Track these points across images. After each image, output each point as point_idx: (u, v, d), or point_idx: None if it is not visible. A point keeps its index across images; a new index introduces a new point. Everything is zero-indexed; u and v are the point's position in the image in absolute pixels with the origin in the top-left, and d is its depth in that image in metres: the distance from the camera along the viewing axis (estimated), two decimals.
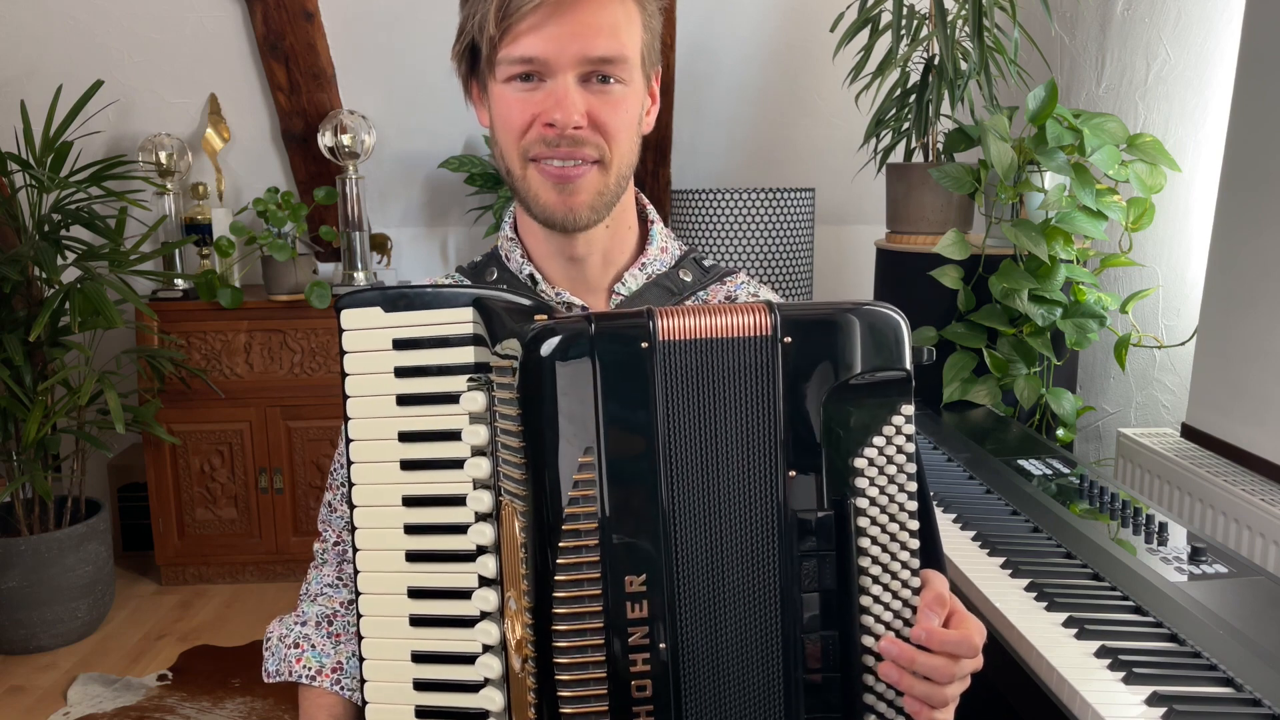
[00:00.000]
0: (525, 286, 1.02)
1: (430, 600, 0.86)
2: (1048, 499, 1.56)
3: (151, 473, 3.04)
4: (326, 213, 3.25)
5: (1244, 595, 1.22)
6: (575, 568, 0.76)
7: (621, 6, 0.92)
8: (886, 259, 2.48)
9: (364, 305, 0.87)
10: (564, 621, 0.76)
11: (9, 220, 2.68)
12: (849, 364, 0.78)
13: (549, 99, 0.91)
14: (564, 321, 0.78)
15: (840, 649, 0.79)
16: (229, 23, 2.98)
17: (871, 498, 0.79)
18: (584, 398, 0.76)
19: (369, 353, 0.87)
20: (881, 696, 0.80)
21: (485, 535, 0.82)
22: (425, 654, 0.86)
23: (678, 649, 0.77)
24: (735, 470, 0.78)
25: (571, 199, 0.94)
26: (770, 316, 0.78)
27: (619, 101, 0.93)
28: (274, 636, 1.04)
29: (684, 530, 0.78)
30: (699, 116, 3.20)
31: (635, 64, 0.94)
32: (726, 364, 0.78)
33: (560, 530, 0.76)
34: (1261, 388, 1.78)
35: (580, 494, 0.76)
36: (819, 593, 0.79)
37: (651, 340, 0.77)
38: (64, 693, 2.50)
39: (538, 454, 0.77)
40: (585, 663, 0.76)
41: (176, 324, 3.00)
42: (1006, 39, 2.31)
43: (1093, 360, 2.53)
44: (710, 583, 0.78)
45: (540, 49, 0.90)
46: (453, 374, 0.84)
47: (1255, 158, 1.83)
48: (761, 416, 0.78)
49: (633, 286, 1.03)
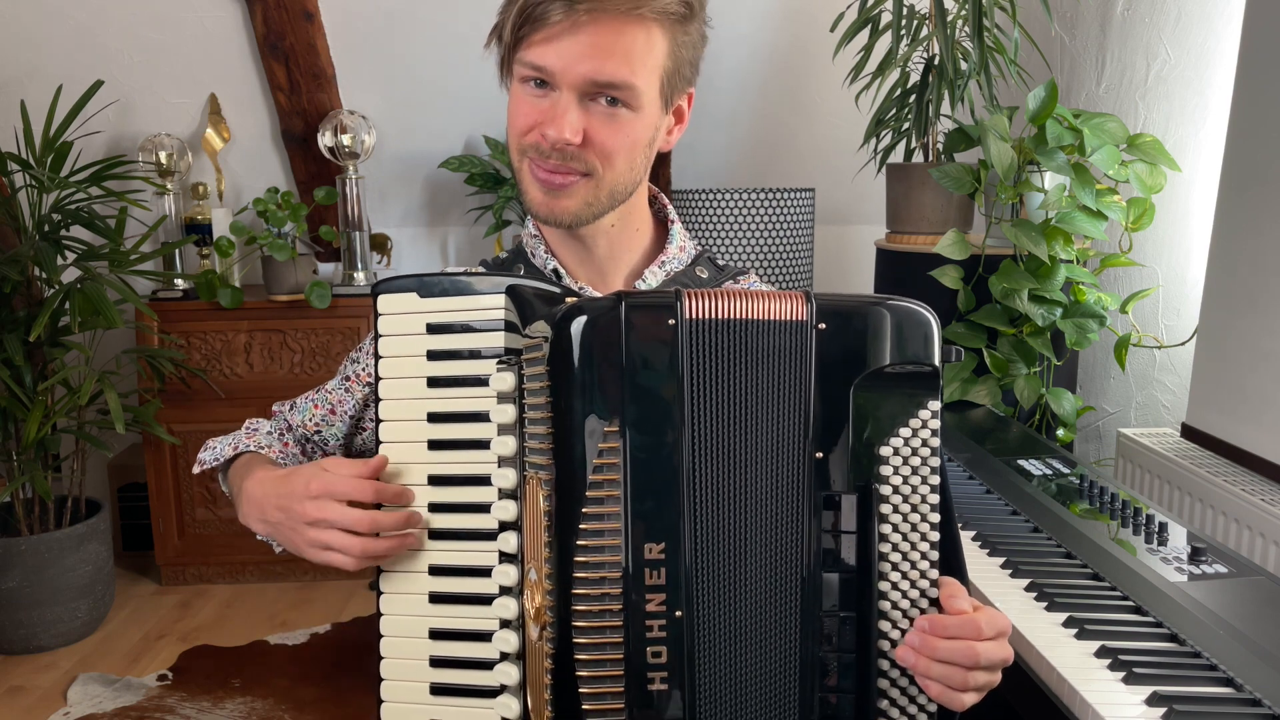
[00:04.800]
0: (550, 280, 1.04)
1: (451, 577, 0.88)
2: (1048, 499, 1.56)
3: (151, 473, 3.04)
4: (326, 213, 3.25)
5: (1244, 595, 1.22)
6: (597, 534, 0.78)
7: (643, 31, 0.91)
8: (886, 259, 2.48)
9: (400, 291, 0.90)
10: (583, 586, 0.78)
11: (9, 220, 2.68)
12: (880, 355, 0.80)
13: (550, 110, 0.93)
14: (594, 301, 0.81)
15: (858, 630, 0.80)
16: (229, 23, 2.98)
17: (895, 486, 0.80)
18: (611, 372, 0.78)
19: (403, 336, 0.90)
20: (895, 683, 0.81)
21: (508, 511, 0.84)
22: (443, 631, 0.88)
23: (694, 618, 0.79)
24: (764, 447, 0.80)
25: (556, 203, 0.97)
26: (807, 303, 0.80)
27: (622, 126, 0.94)
28: (211, 442, 1.11)
29: (706, 503, 0.79)
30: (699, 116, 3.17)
31: (647, 91, 0.93)
32: (761, 344, 0.80)
33: (584, 498, 0.78)
34: (1261, 388, 1.78)
35: (605, 462, 0.78)
36: (839, 573, 0.81)
37: (679, 318, 0.78)
38: (64, 693, 2.50)
39: (565, 426, 0.79)
40: (602, 627, 0.78)
41: (176, 324, 3.00)
42: (1006, 39, 2.31)
43: (1093, 360, 2.53)
44: (732, 555, 0.80)
45: (550, 61, 0.91)
46: (483, 358, 0.87)
47: (1255, 158, 1.83)
48: (793, 397, 0.80)
49: (652, 283, 1.06)
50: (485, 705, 0.87)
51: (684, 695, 0.78)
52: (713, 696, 0.79)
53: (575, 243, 1.04)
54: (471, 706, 0.87)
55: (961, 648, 0.78)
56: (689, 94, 1.01)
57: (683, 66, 0.97)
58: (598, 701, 0.78)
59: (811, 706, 0.81)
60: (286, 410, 1.16)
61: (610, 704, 0.78)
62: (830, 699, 0.81)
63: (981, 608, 0.81)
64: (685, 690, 0.78)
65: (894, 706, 0.81)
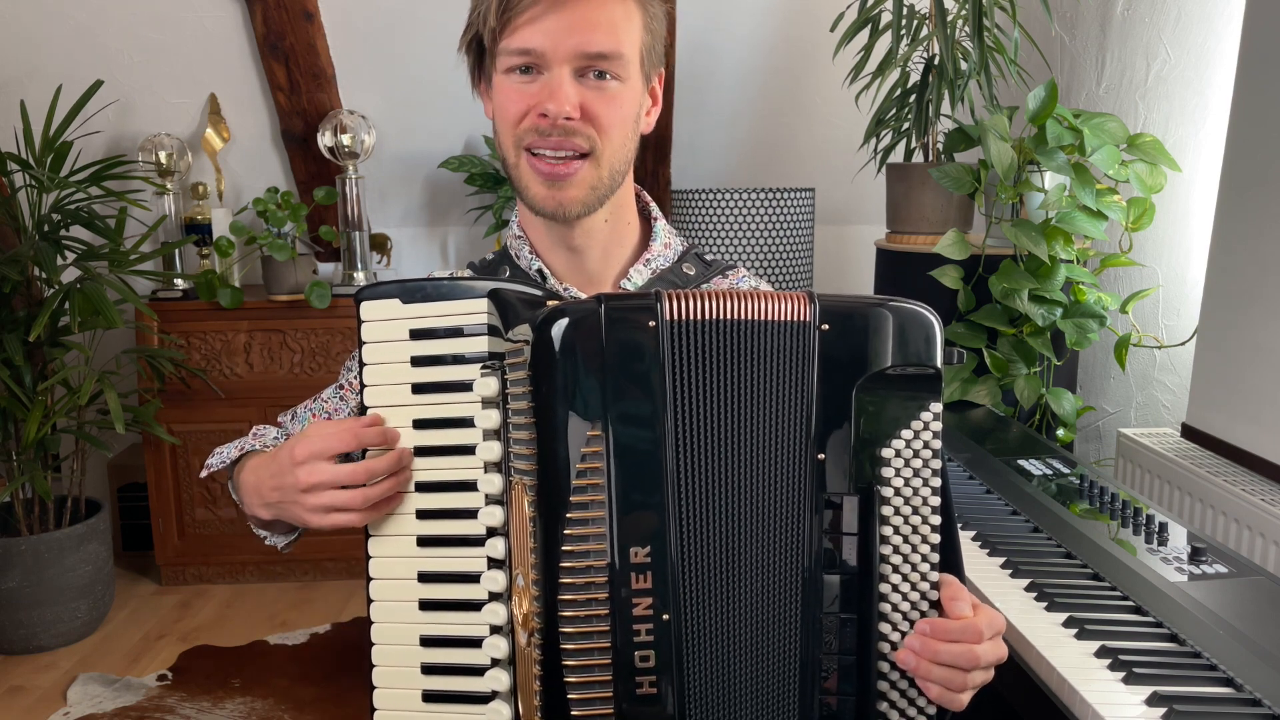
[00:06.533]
0: (534, 282, 1.04)
1: (440, 584, 0.88)
2: (1048, 499, 1.56)
3: (151, 473, 3.04)
4: (326, 213, 3.25)
5: (1244, 595, 1.22)
6: (581, 538, 0.78)
7: (621, 5, 0.94)
8: (886, 259, 2.48)
9: (383, 297, 0.89)
10: (569, 591, 0.78)
11: (9, 220, 2.68)
12: (882, 356, 0.80)
13: (544, 90, 0.93)
14: (575, 304, 0.80)
15: (858, 632, 0.80)
16: (229, 23, 2.98)
17: (896, 488, 0.80)
18: (593, 375, 0.78)
19: (387, 343, 0.90)
20: (895, 685, 0.81)
21: (495, 517, 0.84)
22: (434, 638, 0.88)
23: (682, 620, 0.78)
24: (763, 448, 0.80)
25: (561, 194, 0.96)
26: (810, 304, 0.80)
27: (614, 97, 0.95)
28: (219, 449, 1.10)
29: (696, 505, 0.79)
30: (699, 116, 3.20)
31: (632, 62, 0.96)
32: (760, 346, 0.80)
33: (568, 502, 0.78)
34: (1261, 388, 1.78)
35: (588, 466, 0.77)
36: (840, 575, 0.80)
37: (659, 320, 0.78)
38: (64, 693, 2.50)
39: (548, 429, 0.78)
40: (589, 631, 0.78)
41: (176, 324, 3.00)
42: (1006, 39, 2.31)
43: (1093, 360, 2.53)
44: (727, 557, 0.79)
45: (538, 41, 0.92)
46: (467, 363, 0.87)
47: (1255, 158, 1.83)
48: (795, 398, 0.80)
49: (638, 282, 1.05)
50: (477, 711, 0.86)
51: (674, 698, 0.78)
52: (706, 699, 0.79)
53: (565, 242, 1.03)
54: (463, 713, 0.87)
55: (962, 651, 0.78)
56: (660, 74, 1.03)
57: (656, 42, 0.99)
58: (587, 706, 0.78)
59: (812, 708, 0.81)
60: (289, 421, 1.16)
61: (599, 709, 0.78)
62: (830, 701, 0.81)
63: (980, 607, 0.82)
64: (675, 692, 0.78)
65: (893, 709, 0.81)
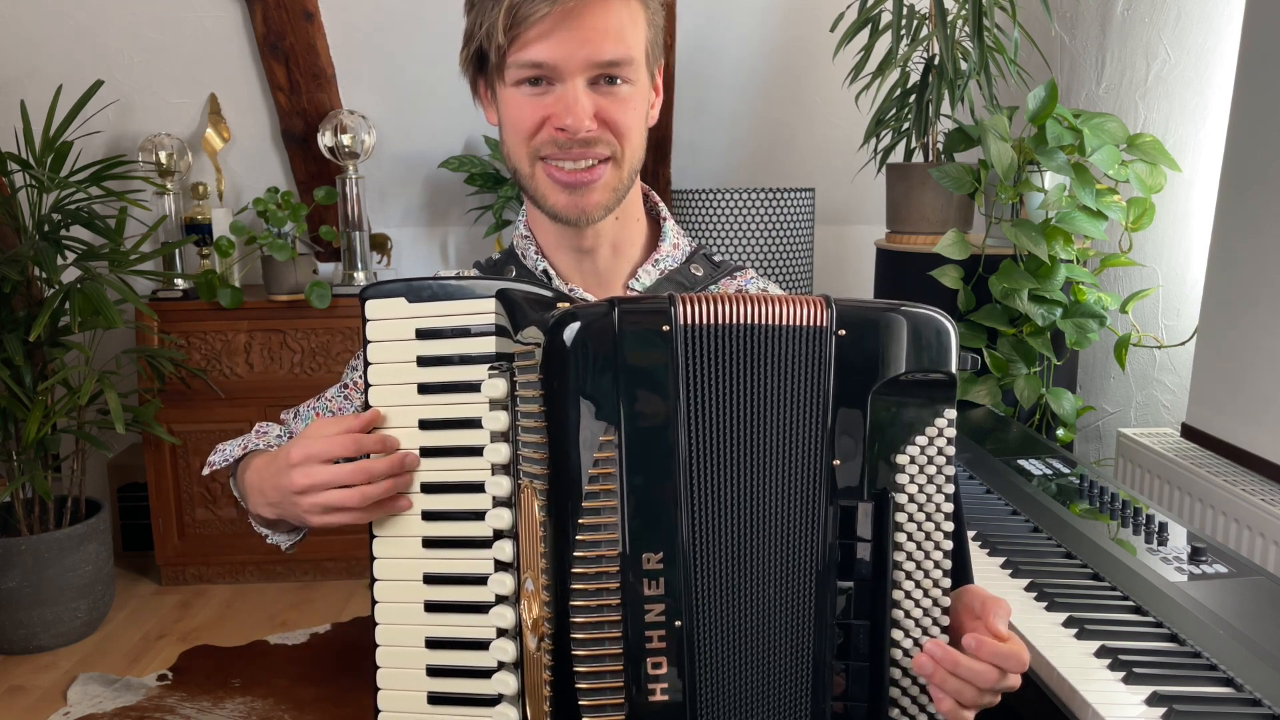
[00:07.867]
0: (540, 282, 1.03)
1: (446, 586, 0.87)
2: (1048, 499, 1.56)
3: (151, 473, 3.04)
4: (326, 213, 3.25)
5: (1244, 595, 1.22)
6: (594, 544, 0.77)
7: (626, 8, 0.94)
8: (886, 259, 2.48)
9: (389, 296, 0.88)
10: (580, 597, 0.77)
11: (9, 220, 2.68)
12: (898, 362, 0.80)
13: (559, 103, 0.93)
14: (587, 307, 0.79)
15: (871, 639, 0.80)
16: (229, 23, 2.98)
17: (910, 494, 0.80)
18: (606, 379, 0.77)
19: (392, 342, 0.88)
20: (906, 691, 0.81)
21: (503, 520, 0.83)
22: (439, 640, 0.87)
23: (695, 627, 0.78)
24: (778, 453, 0.79)
25: (584, 200, 0.96)
26: (828, 309, 0.80)
27: (626, 100, 0.95)
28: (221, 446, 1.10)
29: (710, 511, 0.78)
30: (699, 116, 3.20)
31: (641, 63, 0.96)
32: (776, 350, 0.79)
33: (581, 508, 0.77)
34: (1261, 388, 1.78)
35: (601, 472, 0.77)
36: (854, 581, 0.80)
37: (673, 324, 0.77)
38: (64, 693, 2.50)
39: (560, 434, 0.78)
40: (601, 638, 0.77)
41: (176, 324, 3.00)
42: (1006, 39, 2.31)
43: (1093, 360, 2.53)
44: (741, 563, 0.79)
45: (549, 55, 0.91)
46: (474, 363, 0.85)
47: (1255, 158, 1.83)
48: (811, 403, 0.79)
49: (646, 283, 1.04)
50: (483, 714, 0.86)
51: (686, 704, 0.78)
52: (718, 705, 0.79)
53: (575, 244, 1.03)
54: (469, 715, 0.87)
55: (983, 670, 0.77)
56: (661, 65, 1.03)
57: (658, 35, 0.99)
58: (598, 713, 0.78)
59: (824, 714, 0.80)
60: (292, 419, 1.15)
61: (611, 715, 0.78)
62: (841, 707, 0.80)
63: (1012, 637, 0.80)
64: (687, 699, 0.78)
65: (904, 716, 0.81)
